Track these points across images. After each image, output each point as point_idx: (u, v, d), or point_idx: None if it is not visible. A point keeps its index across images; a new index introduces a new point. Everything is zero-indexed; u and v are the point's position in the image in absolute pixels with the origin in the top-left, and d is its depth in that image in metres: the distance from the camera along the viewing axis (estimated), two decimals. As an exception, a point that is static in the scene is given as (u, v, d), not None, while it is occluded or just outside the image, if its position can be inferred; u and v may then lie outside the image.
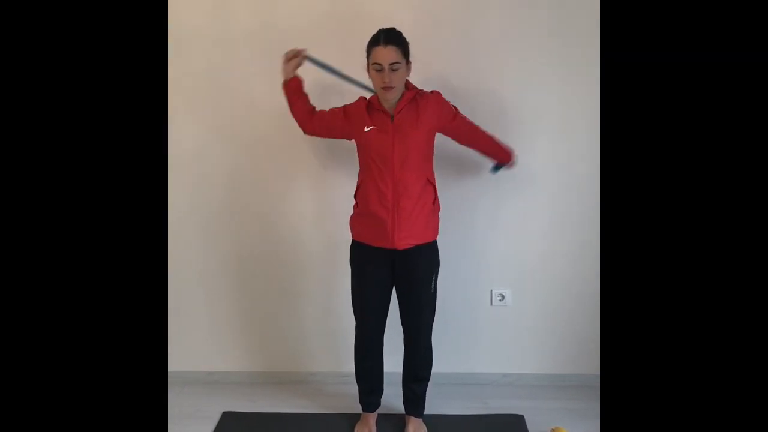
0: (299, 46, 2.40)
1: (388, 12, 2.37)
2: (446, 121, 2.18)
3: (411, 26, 2.15)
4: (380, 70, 2.03)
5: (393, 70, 2.03)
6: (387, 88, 2.05)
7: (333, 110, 2.26)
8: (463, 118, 2.23)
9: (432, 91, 2.17)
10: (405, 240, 2.14)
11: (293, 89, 2.28)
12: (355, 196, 2.26)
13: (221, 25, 2.50)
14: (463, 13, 2.45)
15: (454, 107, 2.21)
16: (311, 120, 2.29)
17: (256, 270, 2.75)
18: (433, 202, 2.22)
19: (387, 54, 2.02)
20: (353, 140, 2.23)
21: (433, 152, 2.23)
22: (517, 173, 2.60)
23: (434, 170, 2.24)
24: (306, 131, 2.33)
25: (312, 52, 2.28)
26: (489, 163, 2.46)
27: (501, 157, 2.38)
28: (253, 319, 2.81)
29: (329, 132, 2.30)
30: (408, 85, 2.17)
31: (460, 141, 2.30)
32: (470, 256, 2.69)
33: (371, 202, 2.14)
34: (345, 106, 2.23)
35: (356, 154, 2.25)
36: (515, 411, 2.58)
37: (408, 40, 2.10)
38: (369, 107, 2.17)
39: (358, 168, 2.25)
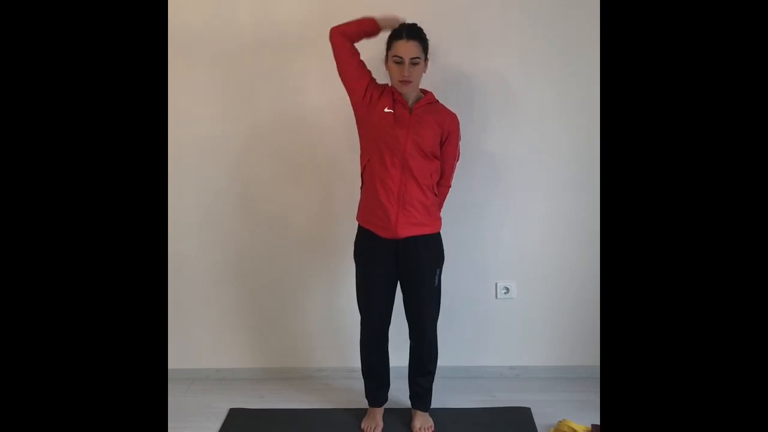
0: (300, 42, 2.41)
1: (389, 5, 2.36)
2: (447, 134, 2.20)
3: (412, 19, 2.15)
4: (400, 63, 2.06)
5: (413, 65, 2.06)
6: (405, 81, 2.07)
7: (367, 70, 2.18)
8: (454, 151, 2.26)
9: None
10: (407, 227, 2.14)
11: (364, 31, 2.15)
12: (361, 176, 2.25)
13: (221, 24, 2.50)
14: (463, 6, 2.44)
15: (459, 152, 2.28)
16: (351, 46, 2.15)
17: (263, 266, 2.76)
18: (436, 196, 2.24)
19: (409, 48, 2.05)
20: (354, 107, 2.19)
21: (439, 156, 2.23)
22: (521, 166, 2.60)
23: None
24: (334, 34, 2.14)
25: (314, 48, 2.27)
26: (492, 156, 2.46)
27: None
28: (259, 316, 2.83)
29: (354, 67, 2.14)
30: (425, 91, 2.21)
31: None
32: (475, 250, 2.69)
33: (377, 181, 2.14)
34: (375, 81, 2.19)
35: (357, 148, 2.25)
36: (522, 403, 2.59)
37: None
38: (390, 93, 2.16)
39: (360, 152, 2.24)
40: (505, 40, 2.47)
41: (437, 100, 2.22)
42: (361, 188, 2.27)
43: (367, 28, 2.16)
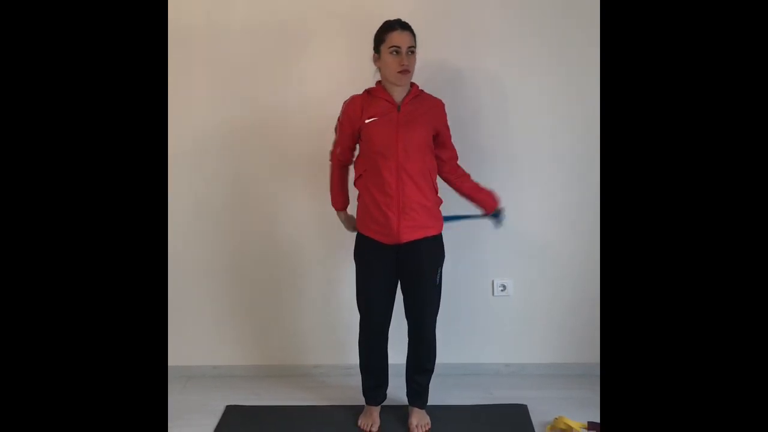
0: (299, 39, 2.39)
1: (387, 1, 2.36)
2: (440, 125, 2.21)
3: (410, 16, 2.14)
4: (398, 53, 2.05)
5: (410, 53, 2.07)
6: (404, 71, 2.06)
7: (342, 132, 2.22)
8: (447, 133, 2.26)
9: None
10: (409, 231, 2.14)
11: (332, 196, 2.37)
12: (355, 185, 2.26)
13: (221, 21, 2.49)
14: (461, 3, 2.44)
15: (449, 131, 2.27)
16: (345, 169, 2.32)
17: (259, 264, 2.76)
18: (436, 193, 2.24)
19: (404, 37, 2.05)
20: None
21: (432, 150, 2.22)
22: (518, 163, 2.60)
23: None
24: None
25: (312, 44, 2.25)
26: (489, 154, 2.46)
27: (483, 198, 2.33)
28: (256, 313, 2.82)
29: (353, 147, 2.26)
30: (411, 84, 2.20)
31: (443, 170, 2.28)
32: (472, 247, 2.69)
33: (374, 189, 2.14)
34: (344, 116, 2.19)
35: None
36: (518, 401, 2.59)
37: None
38: (371, 97, 2.15)
39: (356, 159, 2.26)
40: (503, 37, 2.47)
41: (422, 91, 2.20)
42: (357, 198, 2.27)
43: (333, 202, 2.36)
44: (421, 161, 2.13)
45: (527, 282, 2.73)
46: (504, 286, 2.74)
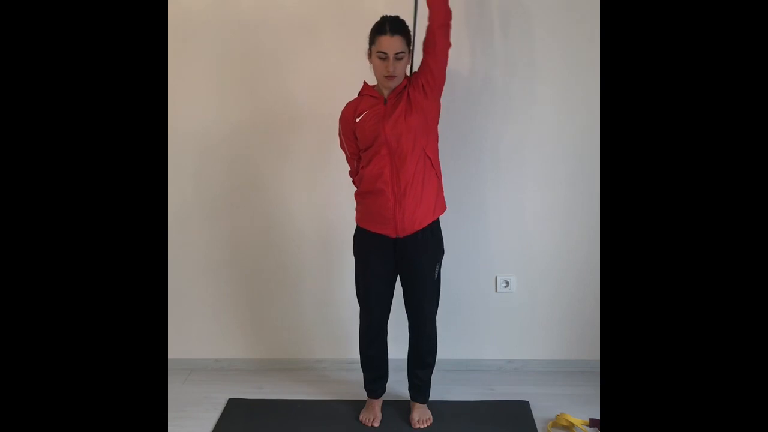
0: (300, 30, 2.39)
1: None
2: (422, 82, 2.12)
3: (410, 14, 2.14)
4: (385, 59, 2.04)
5: (397, 60, 2.05)
6: (390, 77, 2.06)
7: (346, 140, 2.24)
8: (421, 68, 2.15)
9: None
10: (408, 219, 2.13)
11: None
12: (353, 182, 2.30)
13: (223, 10, 2.48)
14: (461, 1, 2.43)
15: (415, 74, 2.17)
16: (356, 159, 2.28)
17: (261, 258, 2.76)
18: (437, 177, 2.21)
19: (393, 43, 2.03)
20: None
21: (433, 127, 2.20)
22: (521, 160, 2.59)
23: (438, 150, 2.23)
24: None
25: (315, 40, 2.26)
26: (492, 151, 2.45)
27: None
28: (258, 307, 2.83)
29: (354, 145, 2.25)
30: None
31: (428, 52, 2.11)
32: (475, 243, 2.69)
33: (370, 180, 2.15)
34: (341, 124, 2.23)
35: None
36: (520, 397, 2.59)
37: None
38: (360, 97, 2.19)
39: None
40: (505, 33, 2.46)
41: (408, 78, 2.18)
42: (355, 193, 2.28)
43: None
44: (416, 146, 2.11)
45: (530, 278, 2.73)
46: (507, 283, 2.73)
